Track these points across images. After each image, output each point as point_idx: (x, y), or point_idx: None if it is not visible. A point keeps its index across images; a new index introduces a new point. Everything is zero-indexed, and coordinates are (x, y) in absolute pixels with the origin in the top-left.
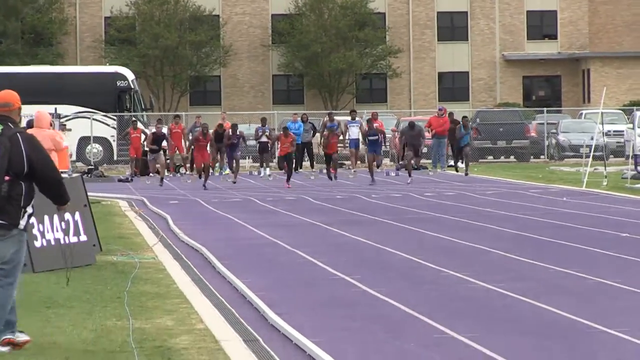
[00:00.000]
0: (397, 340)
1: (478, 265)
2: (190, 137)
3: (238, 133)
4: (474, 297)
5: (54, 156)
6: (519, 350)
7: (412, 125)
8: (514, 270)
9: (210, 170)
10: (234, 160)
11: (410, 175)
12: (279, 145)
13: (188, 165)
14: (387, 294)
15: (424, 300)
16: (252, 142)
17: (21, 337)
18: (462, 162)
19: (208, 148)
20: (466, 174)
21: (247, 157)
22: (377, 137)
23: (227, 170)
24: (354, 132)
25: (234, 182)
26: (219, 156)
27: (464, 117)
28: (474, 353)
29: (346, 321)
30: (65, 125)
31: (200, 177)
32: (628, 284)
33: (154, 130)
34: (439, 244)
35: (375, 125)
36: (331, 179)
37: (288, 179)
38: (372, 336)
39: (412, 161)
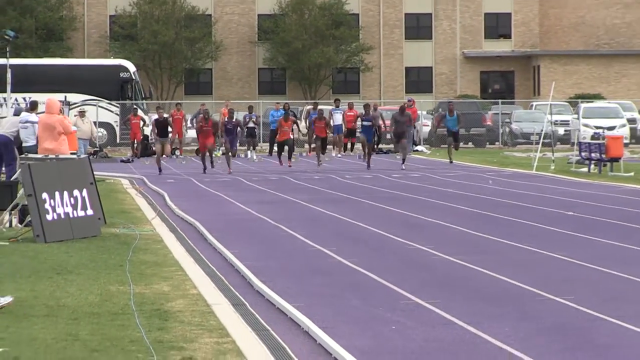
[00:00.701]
0: (368, 305)
1: (440, 239)
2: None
3: (234, 120)
4: (436, 267)
5: (63, 139)
6: (476, 314)
7: (402, 109)
8: (472, 244)
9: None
10: (230, 149)
11: (403, 162)
12: (279, 129)
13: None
14: (359, 264)
15: (392, 270)
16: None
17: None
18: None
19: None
20: (450, 161)
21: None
22: (370, 122)
23: (219, 153)
24: (338, 119)
25: (230, 173)
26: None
27: (450, 102)
28: (436, 317)
29: (323, 288)
30: (84, 111)
31: (203, 160)
32: (573, 257)
33: (156, 117)
34: (405, 220)
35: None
36: (319, 163)
37: (289, 158)
38: (346, 301)
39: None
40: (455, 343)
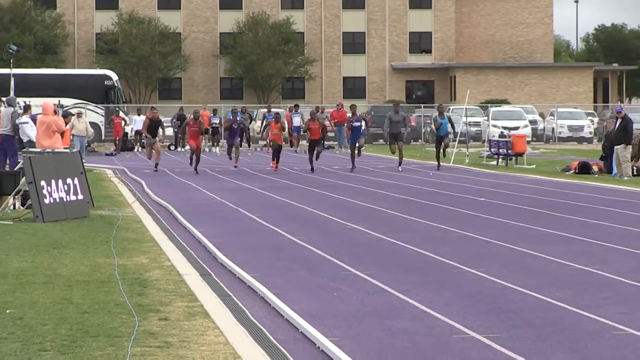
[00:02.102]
0: (313, 275)
1: (372, 220)
2: (171, 124)
3: (238, 120)
4: (370, 244)
5: (58, 137)
6: (404, 283)
7: (397, 108)
8: (399, 224)
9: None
10: (233, 147)
11: (400, 164)
12: (270, 130)
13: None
14: (305, 241)
15: (333, 246)
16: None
17: None
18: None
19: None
20: (438, 167)
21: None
22: (360, 123)
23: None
24: (297, 121)
25: (235, 167)
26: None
27: (440, 105)
28: (371, 286)
29: (276, 261)
30: (81, 112)
31: (191, 159)
32: (485, 236)
33: (146, 116)
34: (343, 204)
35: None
36: (313, 169)
37: (276, 161)
38: (295, 272)
39: (396, 145)
40: (387, 307)
